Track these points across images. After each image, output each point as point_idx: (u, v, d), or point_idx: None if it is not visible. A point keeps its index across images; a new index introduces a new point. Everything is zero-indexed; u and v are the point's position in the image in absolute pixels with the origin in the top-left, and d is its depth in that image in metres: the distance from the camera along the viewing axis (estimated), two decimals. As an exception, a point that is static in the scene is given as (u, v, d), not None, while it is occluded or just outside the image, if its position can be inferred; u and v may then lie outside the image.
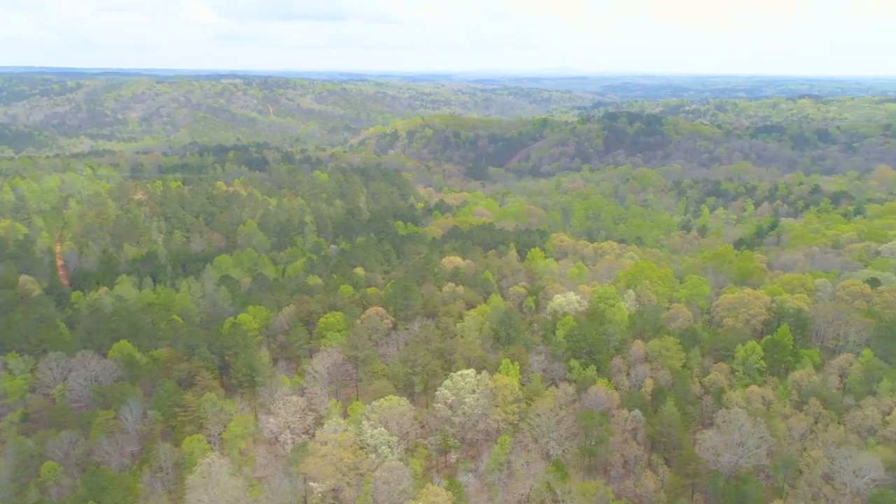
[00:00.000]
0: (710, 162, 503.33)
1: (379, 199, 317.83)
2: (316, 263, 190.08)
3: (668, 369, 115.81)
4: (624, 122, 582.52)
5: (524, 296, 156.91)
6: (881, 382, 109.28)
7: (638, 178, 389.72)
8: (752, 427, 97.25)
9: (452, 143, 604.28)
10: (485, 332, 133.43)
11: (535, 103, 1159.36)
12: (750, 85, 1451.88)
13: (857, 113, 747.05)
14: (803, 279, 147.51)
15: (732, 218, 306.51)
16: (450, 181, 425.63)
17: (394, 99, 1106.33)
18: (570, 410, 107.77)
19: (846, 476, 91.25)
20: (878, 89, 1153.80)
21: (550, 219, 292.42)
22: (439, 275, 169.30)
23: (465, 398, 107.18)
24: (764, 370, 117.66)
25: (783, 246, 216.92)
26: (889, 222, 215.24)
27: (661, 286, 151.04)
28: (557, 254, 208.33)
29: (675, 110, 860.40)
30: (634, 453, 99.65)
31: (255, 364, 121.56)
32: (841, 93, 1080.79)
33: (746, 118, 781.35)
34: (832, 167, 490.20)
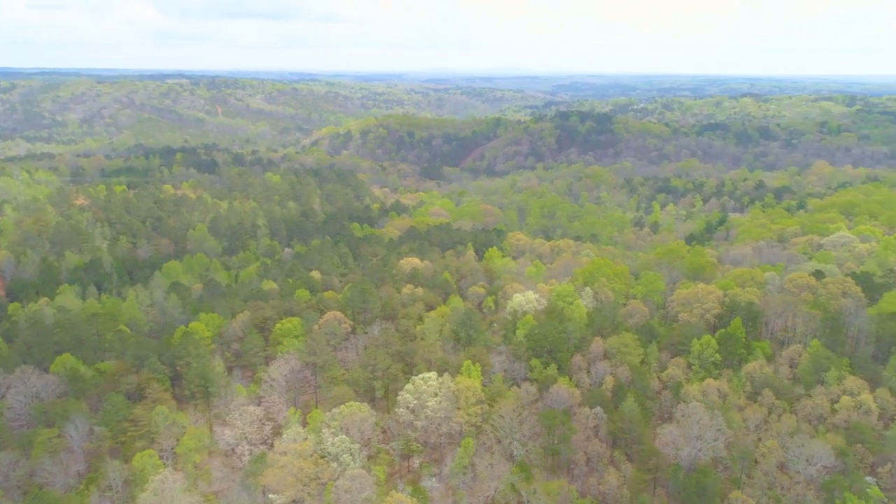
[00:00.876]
0: (659, 159, 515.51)
1: (334, 200, 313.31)
2: (270, 268, 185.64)
3: (627, 365, 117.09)
4: (576, 121, 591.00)
5: (483, 296, 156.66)
6: (829, 372, 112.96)
7: (591, 176, 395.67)
8: (709, 420, 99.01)
9: (407, 142, 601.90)
10: (445, 334, 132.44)
11: (488, 103, 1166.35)
12: (694, 84, 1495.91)
13: (795, 111, 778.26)
14: (753, 273, 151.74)
15: (682, 214, 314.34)
16: (405, 181, 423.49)
17: (346, 99, 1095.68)
18: (532, 410, 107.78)
19: (799, 464, 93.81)
20: (812, 88, 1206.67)
21: (507, 218, 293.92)
22: (397, 277, 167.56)
23: (427, 402, 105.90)
24: (719, 363, 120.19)
25: (732, 241, 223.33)
26: (829, 216, 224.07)
27: (618, 283, 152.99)
28: (515, 253, 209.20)
29: (624, 109, 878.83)
30: (597, 451, 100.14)
31: (209, 374, 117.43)
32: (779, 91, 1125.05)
33: (692, 116, 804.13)
34: (774, 163, 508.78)
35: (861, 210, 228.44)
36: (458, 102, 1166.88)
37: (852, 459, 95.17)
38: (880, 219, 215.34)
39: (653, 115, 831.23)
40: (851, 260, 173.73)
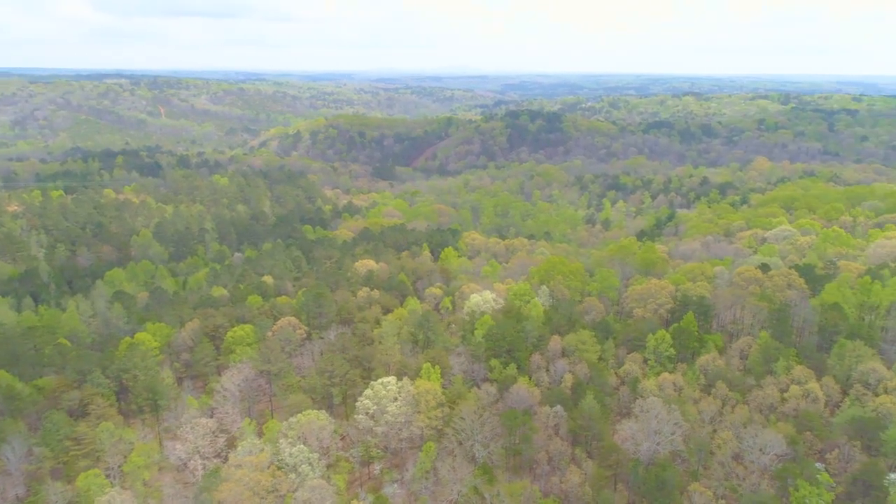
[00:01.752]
0: (607, 157, 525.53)
1: (284, 202, 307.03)
2: (220, 273, 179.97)
3: (585, 363, 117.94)
4: (526, 120, 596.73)
5: (440, 297, 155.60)
6: (777, 362, 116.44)
7: (542, 175, 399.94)
8: (667, 414, 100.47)
9: (358, 143, 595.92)
10: (403, 337, 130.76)
11: (438, 102, 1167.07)
12: (639, 83, 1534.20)
13: (734, 109, 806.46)
14: (703, 268, 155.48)
15: (632, 210, 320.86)
16: (357, 182, 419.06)
17: (294, 99, 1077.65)
18: (493, 411, 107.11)
19: (753, 454, 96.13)
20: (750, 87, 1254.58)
21: (461, 217, 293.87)
22: (353, 279, 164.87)
23: (387, 407, 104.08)
24: (673, 357, 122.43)
25: (681, 236, 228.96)
26: (771, 210, 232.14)
27: (573, 280, 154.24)
28: (470, 252, 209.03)
29: (573, 108, 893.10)
30: (558, 449, 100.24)
31: (157, 386, 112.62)
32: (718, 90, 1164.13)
33: (638, 115, 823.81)
34: (716, 159, 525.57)
35: (800, 204, 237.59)
36: (409, 102, 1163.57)
37: (802, 447, 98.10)
38: (818, 212, 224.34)
39: (600, 113, 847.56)
40: (794, 253, 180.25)
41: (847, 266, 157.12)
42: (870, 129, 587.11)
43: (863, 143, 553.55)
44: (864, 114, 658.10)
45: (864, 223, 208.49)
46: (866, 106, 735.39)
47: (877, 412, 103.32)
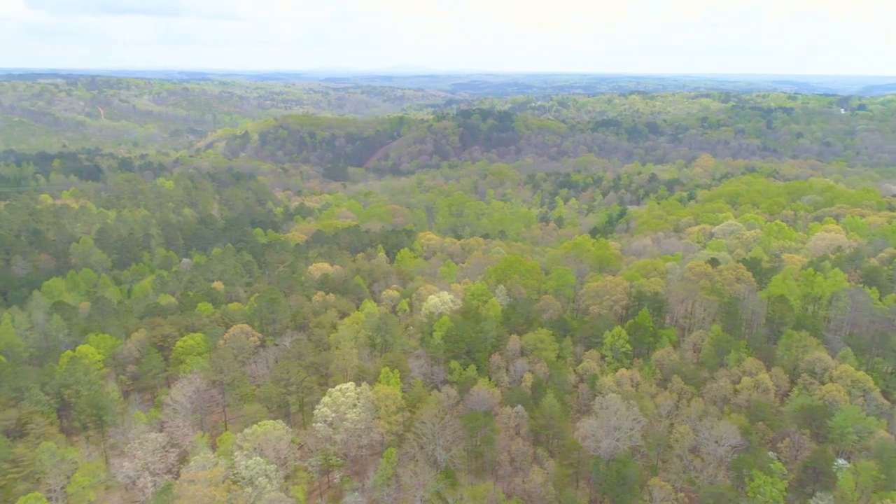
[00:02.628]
0: (558, 155, 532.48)
1: (234, 205, 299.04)
2: (167, 280, 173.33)
3: (544, 361, 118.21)
4: (477, 119, 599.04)
5: (397, 299, 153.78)
6: (729, 354, 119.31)
7: (495, 174, 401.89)
8: (626, 410, 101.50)
9: (308, 143, 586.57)
10: (361, 341, 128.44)
11: (389, 101, 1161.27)
12: (586, 82, 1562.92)
13: (678, 107, 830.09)
14: (655, 263, 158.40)
15: (584, 208, 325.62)
16: (309, 183, 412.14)
17: (242, 99, 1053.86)
18: (454, 414, 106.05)
19: (710, 446, 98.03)
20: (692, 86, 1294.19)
21: (415, 217, 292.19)
22: (307, 283, 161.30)
23: (346, 414, 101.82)
24: (630, 353, 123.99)
25: (632, 232, 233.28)
26: (717, 206, 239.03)
27: (530, 279, 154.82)
28: (426, 253, 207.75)
29: (523, 107, 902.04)
30: (520, 449, 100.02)
31: (102, 401, 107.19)
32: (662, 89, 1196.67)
33: (586, 113, 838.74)
34: (663, 157, 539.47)
35: (744, 199, 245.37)
36: (359, 101, 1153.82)
37: (755, 437, 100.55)
38: (762, 207, 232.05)
39: (550, 112, 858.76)
40: (740, 247, 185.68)
41: (790, 259, 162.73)
42: (804, 126, 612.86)
43: (798, 140, 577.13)
44: (799, 111, 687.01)
45: (805, 217, 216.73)
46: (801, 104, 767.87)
47: (824, 400, 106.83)
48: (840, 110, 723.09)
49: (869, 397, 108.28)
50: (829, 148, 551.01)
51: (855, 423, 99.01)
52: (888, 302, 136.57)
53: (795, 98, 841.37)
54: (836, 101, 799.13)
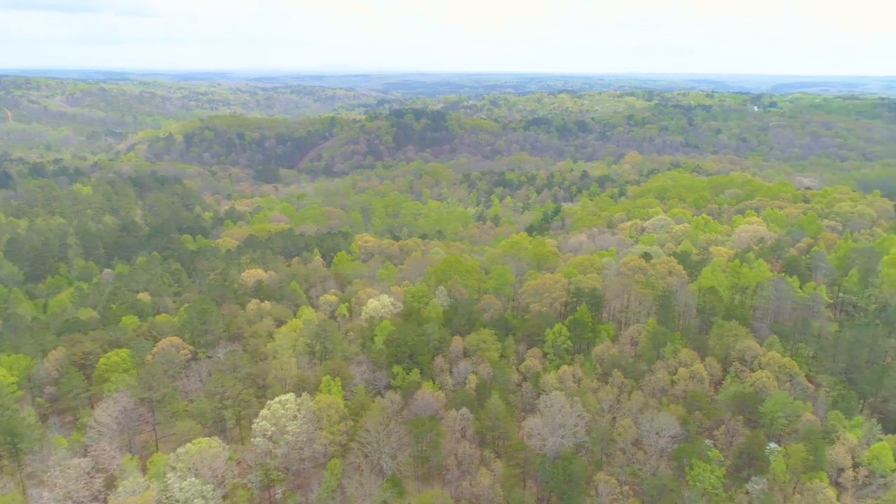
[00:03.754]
0: (492, 154, 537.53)
1: (158, 211, 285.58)
2: (87, 293, 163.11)
3: (487, 362, 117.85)
4: (411, 119, 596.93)
5: (336, 304, 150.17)
6: (665, 346, 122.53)
7: (430, 173, 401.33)
8: (569, 407, 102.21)
9: (237, 145, 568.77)
10: (299, 350, 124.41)
11: (320, 101, 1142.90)
12: (516, 81, 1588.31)
13: (605, 105, 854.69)
14: (591, 259, 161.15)
15: (520, 206, 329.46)
16: (239, 186, 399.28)
17: (164, 99, 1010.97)
18: (398, 420, 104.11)
19: (651, 438, 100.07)
20: (616, 85, 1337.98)
21: (351, 219, 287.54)
22: (240, 291, 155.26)
23: (286, 426, 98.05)
24: (570, 349, 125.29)
25: (567, 229, 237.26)
26: (647, 201, 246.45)
27: (470, 279, 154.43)
28: (364, 255, 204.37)
29: (455, 106, 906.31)
30: (467, 452, 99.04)
31: (16, 427, 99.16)
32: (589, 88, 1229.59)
33: (517, 112, 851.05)
34: (592, 154, 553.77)
35: (672, 194, 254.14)
36: (289, 101, 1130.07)
37: (693, 426, 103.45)
38: (688, 201, 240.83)
39: (482, 111, 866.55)
40: (670, 240, 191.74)
41: (718, 251, 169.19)
42: (722, 123, 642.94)
43: (717, 136, 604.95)
44: (717, 109, 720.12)
45: (728, 210, 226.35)
46: (718, 102, 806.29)
47: (754, 387, 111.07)
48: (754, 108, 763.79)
49: (795, 382, 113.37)
50: (746, 143, 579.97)
51: (784, 407, 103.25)
52: (808, 290, 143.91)
53: (713, 96, 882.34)
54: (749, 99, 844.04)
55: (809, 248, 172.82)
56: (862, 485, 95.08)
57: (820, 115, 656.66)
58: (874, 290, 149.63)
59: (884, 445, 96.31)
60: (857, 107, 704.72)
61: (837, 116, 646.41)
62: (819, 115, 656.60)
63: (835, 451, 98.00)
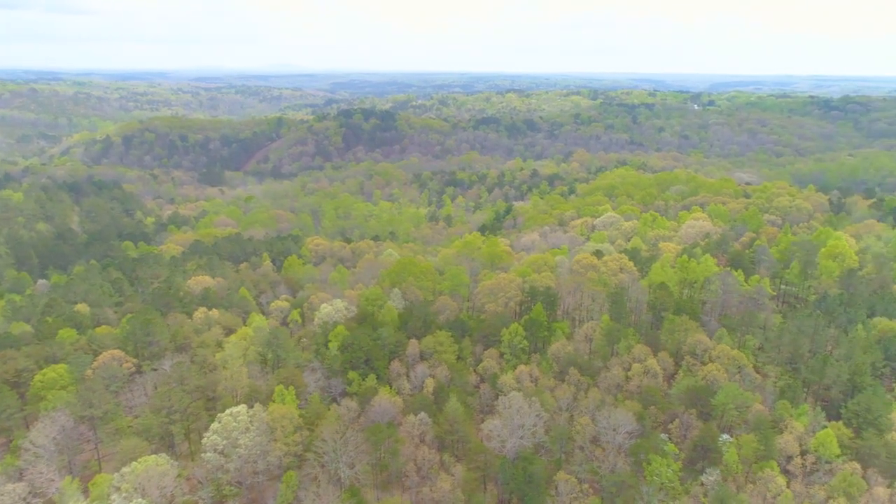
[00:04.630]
0: (443, 154, 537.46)
1: (97, 217, 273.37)
2: (20, 306, 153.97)
3: (444, 364, 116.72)
4: (360, 119, 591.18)
5: (288, 310, 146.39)
6: (619, 343, 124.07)
7: (381, 174, 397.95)
8: (528, 407, 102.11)
9: (180, 147, 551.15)
10: (250, 359, 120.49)
11: (266, 102, 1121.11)
12: (464, 81, 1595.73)
13: (552, 105, 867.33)
14: (545, 258, 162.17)
15: (471, 205, 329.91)
16: (183, 190, 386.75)
17: (100, 100, 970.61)
18: (355, 427, 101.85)
19: (608, 435, 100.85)
20: (562, 84, 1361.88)
21: (301, 222, 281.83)
22: (186, 299, 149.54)
23: (238, 439, 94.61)
24: (527, 349, 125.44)
25: (520, 228, 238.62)
26: (596, 199, 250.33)
27: (425, 280, 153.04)
28: (315, 259, 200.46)
29: (404, 106, 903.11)
30: (426, 458, 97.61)
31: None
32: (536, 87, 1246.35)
33: (466, 111, 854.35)
34: (541, 152, 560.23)
35: (620, 192, 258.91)
36: (234, 102, 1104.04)
37: (648, 421, 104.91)
38: (636, 198, 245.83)
39: (431, 111, 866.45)
40: (620, 237, 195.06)
41: (666, 247, 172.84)
42: (665, 121, 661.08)
43: (661, 134, 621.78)
44: (660, 107, 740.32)
45: (674, 206, 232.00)
46: (660, 100, 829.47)
47: (706, 380, 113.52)
48: (694, 106, 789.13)
49: (744, 373, 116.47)
50: (688, 141, 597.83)
51: (734, 399, 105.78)
52: (752, 283, 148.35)
53: (655, 95, 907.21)
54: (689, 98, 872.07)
55: (752, 242, 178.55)
56: (809, 471, 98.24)
57: (755, 112, 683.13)
58: (813, 282, 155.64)
59: (828, 432, 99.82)
60: (789, 105, 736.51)
61: (771, 114, 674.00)
62: (755, 112, 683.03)
63: (783, 440, 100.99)
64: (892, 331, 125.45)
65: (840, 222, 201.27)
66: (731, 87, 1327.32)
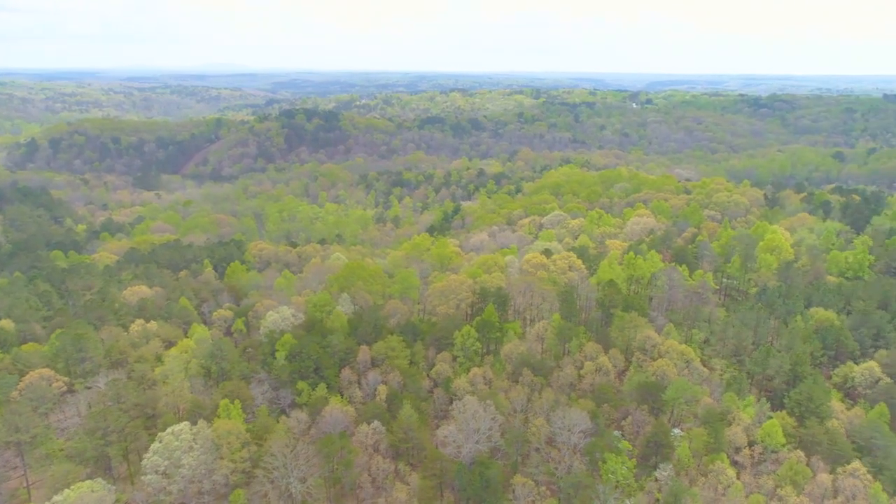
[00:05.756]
0: (388, 154, 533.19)
1: (22, 226, 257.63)
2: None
3: (397, 370, 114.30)
4: (302, 119, 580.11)
5: (232, 319, 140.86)
6: (571, 341, 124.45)
7: (326, 175, 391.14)
8: (483, 411, 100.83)
9: (112, 150, 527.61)
10: (192, 372, 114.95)
11: (204, 102, 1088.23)
12: (407, 80, 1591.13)
13: (496, 104, 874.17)
14: (495, 258, 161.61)
15: (419, 206, 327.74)
16: (117, 195, 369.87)
17: (24, 101, 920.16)
18: (306, 440, 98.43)
19: (563, 435, 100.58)
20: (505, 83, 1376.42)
21: (244, 226, 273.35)
22: (122, 311, 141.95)
23: (181, 459, 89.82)
24: (479, 351, 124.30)
25: (468, 228, 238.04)
26: (543, 197, 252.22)
27: (374, 284, 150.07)
28: (259, 264, 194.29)
29: (348, 105, 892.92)
30: (381, 467, 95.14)
31: None
32: (479, 86, 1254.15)
33: (411, 111, 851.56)
34: (486, 151, 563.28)
35: (566, 190, 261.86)
36: (170, 103, 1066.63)
37: (602, 419, 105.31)
38: (581, 196, 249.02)
39: (375, 110, 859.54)
40: (568, 235, 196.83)
41: (613, 244, 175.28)
42: (606, 119, 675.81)
43: (602, 132, 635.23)
44: (600, 106, 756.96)
45: (619, 203, 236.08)
46: (601, 99, 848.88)
47: (656, 375, 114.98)
48: (633, 105, 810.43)
49: (692, 367, 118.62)
50: (628, 138, 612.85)
51: (684, 393, 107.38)
52: (697, 277, 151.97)
53: (595, 94, 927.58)
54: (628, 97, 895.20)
55: (694, 237, 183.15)
56: (757, 461, 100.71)
57: (691, 110, 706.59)
58: (753, 275, 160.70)
59: (773, 423, 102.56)
60: (722, 103, 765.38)
61: (706, 112, 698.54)
62: (690, 110, 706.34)
63: (732, 432, 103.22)
64: (829, 321, 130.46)
65: (775, 216, 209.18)
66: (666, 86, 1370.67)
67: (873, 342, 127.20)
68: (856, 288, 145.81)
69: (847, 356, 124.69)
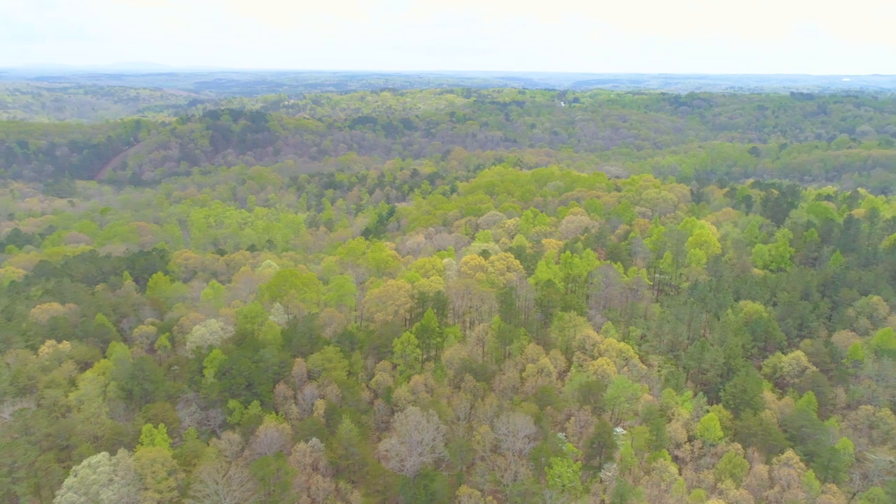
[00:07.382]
0: (319, 155, 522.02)
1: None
2: None
3: (335, 383, 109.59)
4: (228, 120, 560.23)
5: (155, 335, 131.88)
6: (512, 344, 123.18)
7: (254, 178, 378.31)
8: (426, 422, 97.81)
9: (19, 155, 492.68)
10: (111, 396, 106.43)
11: (121, 103, 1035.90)
12: (337, 80, 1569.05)
13: (427, 103, 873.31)
14: (433, 261, 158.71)
15: (353, 208, 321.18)
16: (25, 203, 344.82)
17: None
18: (240, 462, 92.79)
19: (508, 441, 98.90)
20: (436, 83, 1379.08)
21: (167, 234, 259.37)
22: (30, 332, 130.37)
23: (100, 494, 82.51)
24: (420, 357, 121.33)
25: (404, 230, 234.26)
26: (478, 197, 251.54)
27: (308, 292, 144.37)
28: (185, 274, 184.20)
29: (276, 106, 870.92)
30: (320, 487, 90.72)
31: None
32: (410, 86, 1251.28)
33: (341, 111, 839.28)
34: (419, 151, 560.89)
35: (500, 189, 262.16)
36: (84, 103, 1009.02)
37: (546, 422, 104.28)
38: (515, 195, 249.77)
39: (304, 110, 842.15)
40: (504, 235, 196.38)
41: (549, 243, 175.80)
42: (535, 118, 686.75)
43: (532, 130, 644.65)
44: (530, 105, 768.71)
45: (552, 201, 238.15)
46: (530, 98, 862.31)
47: (597, 374, 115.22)
48: (560, 103, 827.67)
49: (631, 365, 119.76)
50: (557, 136, 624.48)
51: (625, 391, 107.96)
52: (631, 274, 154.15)
53: (525, 93, 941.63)
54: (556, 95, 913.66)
55: (627, 234, 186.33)
56: (698, 456, 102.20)
57: (616, 109, 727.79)
58: (684, 270, 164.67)
59: (711, 417, 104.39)
60: (644, 101, 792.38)
61: (630, 110, 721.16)
62: (615, 109, 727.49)
63: (672, 428, 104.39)
64: (757, 313, 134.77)
65: (701, 211, 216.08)
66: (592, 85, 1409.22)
67: (798, 332, 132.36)
68: (780, 280, 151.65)
69: (775, 347, 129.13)
